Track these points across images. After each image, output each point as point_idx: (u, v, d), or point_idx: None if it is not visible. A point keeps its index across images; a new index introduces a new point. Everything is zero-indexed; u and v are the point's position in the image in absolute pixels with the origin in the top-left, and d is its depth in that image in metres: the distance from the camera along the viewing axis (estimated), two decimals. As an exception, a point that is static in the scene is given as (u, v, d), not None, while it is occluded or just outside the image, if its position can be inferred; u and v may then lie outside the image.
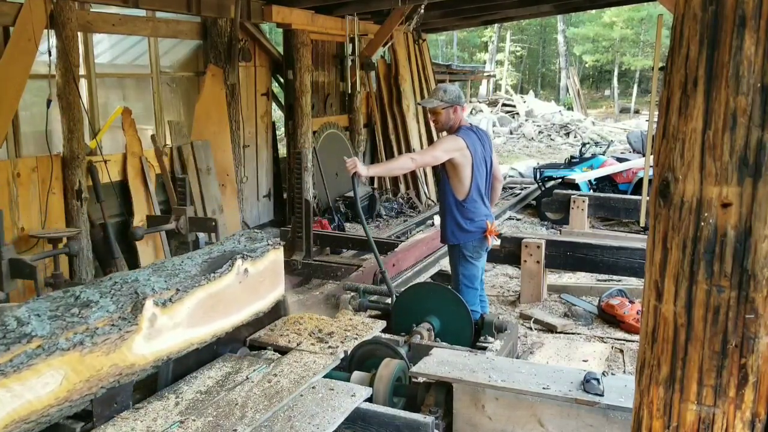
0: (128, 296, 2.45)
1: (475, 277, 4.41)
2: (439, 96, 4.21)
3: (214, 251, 3.06)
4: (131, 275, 2.63)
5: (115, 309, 2.37)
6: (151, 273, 2.70)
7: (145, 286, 2.54)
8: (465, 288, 4.30)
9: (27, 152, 5.51)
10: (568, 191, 8.59)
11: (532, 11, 11.54)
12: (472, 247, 4.31)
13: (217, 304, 2.86)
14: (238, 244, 3.20)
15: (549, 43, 38.94)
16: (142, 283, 2.55)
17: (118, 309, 2.37)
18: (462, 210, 4.22)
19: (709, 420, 1.33)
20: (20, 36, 5.03)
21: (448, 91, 4.24)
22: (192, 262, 2.88)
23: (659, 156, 1.33)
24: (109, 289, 2.45)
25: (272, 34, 14.38)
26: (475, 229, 4.28)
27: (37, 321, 2.13)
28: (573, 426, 2.77)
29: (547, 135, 21.30)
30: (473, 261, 4.35)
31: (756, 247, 1.23)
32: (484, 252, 4.40)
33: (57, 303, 2.29)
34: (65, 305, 2.28)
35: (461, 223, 4.24)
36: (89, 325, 2.24)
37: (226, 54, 7.11)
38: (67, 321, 2.20)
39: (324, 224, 7.82)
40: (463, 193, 4.20)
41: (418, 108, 10.55)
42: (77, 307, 2.28)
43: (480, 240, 4.32)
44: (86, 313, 2.26)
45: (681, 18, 1.26)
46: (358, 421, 2.63)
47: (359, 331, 3.31)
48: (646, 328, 1.40)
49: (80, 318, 2.24)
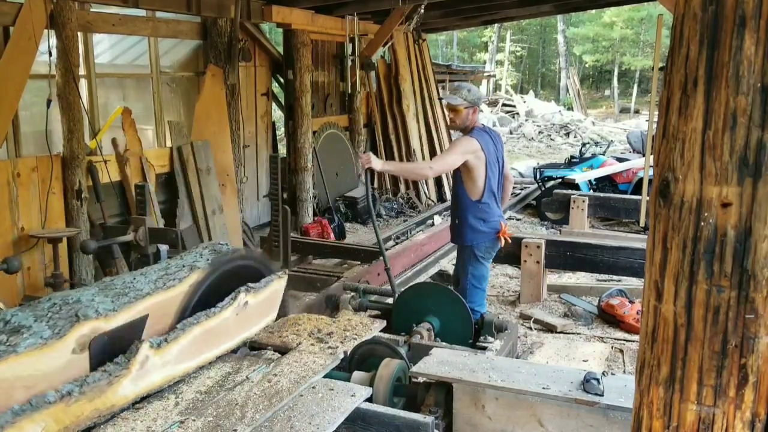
0: (67, 320, 2.18)
1: (484, 278, 4.42)
2: (463, 95, 4.21)
3: (172, 266, 2.80)
4: (73, 295, 2.36)
5: (50, 335, 2.09)
6: (97, 292, 2.43)
7: (87, 307, 2.27)
8: (473, 288, 4.30)
9: (27, 152, 5.52)
10: (568, 191, 8.59)
11: (532, 11, 11.54)
12: (484, 248, 4.32)
13: (210, 338, 2.68)
14: (200, 257, 2.93)
15: (549, 43, 38.94)
16: (85, 305, 2.28)
17: (54, 335, 2.10)
18: (476, 210, 4.23)
19: (709, 420, 1.33)
20: (20, 36, 5.03)
21: (471, 91, 4.26)
22: (146, 279, 2.61)
23: (659, 156, 1.33)
24: (45, 312, 2.19)
25: (272, 34, 14.39)
26: (488, 230, 4.29)
27: None
28: (573, 426, 2.77)
29: (547, 135, 21.30)
30: (484, 262, 4.36)
31: (756, 247, 1.23)
32: (494, 253, 4.41)
33: None
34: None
35: (475, 223, 4.24)
36: (17, 353, 1.99)
37: (226, 54, 7.11)
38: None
39: (324, 224, 7.83)
40: (477, 193, 4.21)
41: (418, 108, 10.55)
42: (5, 334, 2.02)
43: (493, 241, 4.33)
44: (15, 340, 2.01)
45: (681, 18, 1.26)
46: (358, 421, 2.63)
47: (359, 331, 3.31)
48: (646, 328, 1.40)
49: (7, 346, 2.00)
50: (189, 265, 2.80)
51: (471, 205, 4.22)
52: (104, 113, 6.36)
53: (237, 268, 3.00)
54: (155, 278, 2.63)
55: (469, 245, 4.29)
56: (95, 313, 2.27)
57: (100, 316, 2.26)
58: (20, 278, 5.22)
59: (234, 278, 2.92)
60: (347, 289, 4.62)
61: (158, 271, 2.73)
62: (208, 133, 7.04)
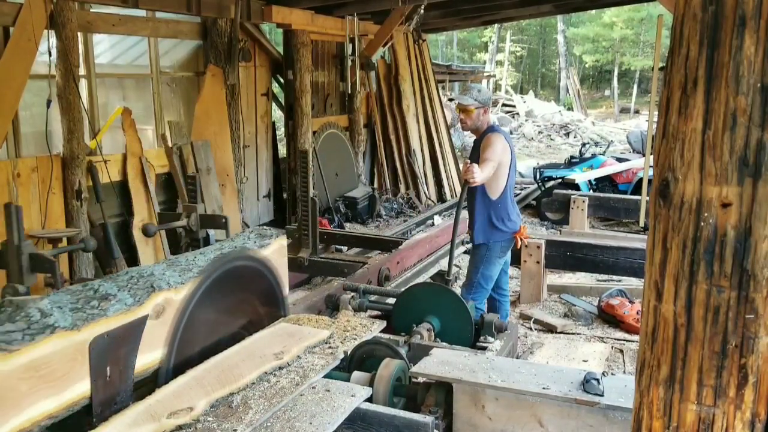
0: (144, 290, 2.53)
1: (492, 279, 4.42)
2: (473, 95, 4.21)
3: (225, 247, 3.13)
4: (147, 269, 2.69)
5: (132, 302, 2.46)
6: (166, 268, 2.76)
7: (160, 280, 2.63)
8: (479, 288, 4.30)
9: (27, 152, 5.51)
10: (568, 191, 8.59)
11: (532, 11, 11.54)
12: (500, 247, 4.31)
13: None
14: (248, 240, 3.28)
15: (549, 43, 38.95)
16: (158, 277, 2.63)
17: (135, 302, 2.47)
18: (496, 209, 4.23)
19: (709, 420, 1.33)
20: (20, 36, 5.03)
21: (482, 91, 4.26)
22: (204, 257, 2.95)
23: (659, 156, 1.33)
24: (126, 283, 2.52)
25: (272, 34, 14.38)
26: (506, 229, 4.29)
27: (59, 313, 2.21)
28: (573, 426, 2.77)
29: (547, 135, 21.31)
30: (498, 261, 4.35)
31: (756, 247, 1.23)
32: (509, 253, 4.41)
33: (77, 296, 2.36)
34: (85, 298, 2.36)
35: (494, 222, 4.23)
36: (108, 316, 2.33)
37: (226, 54, 7.12)
38: (87, 313, 2.28)
39: (324, 224, 7.83)
40: (498, 192, 4.20)
41: (418, 108, 10.55)
42: (96, 300, 2.37)
43: (510, 240, 4.32)
44: (105, 306, 2.36)
45: (681, 18, 1.26)
46: (358, 421, 2.63)
47: (359, 332, 3.31)
48: (646, 328, 1.40)
49: (99, 310, 2.33)
50: (240, 247, 3.15)
51: (491, 204, 4.22)
52: (104, 113, 6.37)
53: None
54: (212, 257, 2.96)
55: (484, 243, 4.28)
56: (167, 284, 2.62)
57: (171, 288, 2.64)
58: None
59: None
60: (347, 289, 4.62)
61: (213, 251, 3.04)
62: (208, 133, 7.04)
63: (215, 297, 2.91)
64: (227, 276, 2.98)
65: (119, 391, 2.43)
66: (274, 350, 2.87)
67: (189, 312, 2.72)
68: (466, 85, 4.40)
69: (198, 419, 2.33)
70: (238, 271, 3.11)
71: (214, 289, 2.89)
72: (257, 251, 3.20)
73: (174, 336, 2.65)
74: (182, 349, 2.71)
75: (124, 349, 2.44)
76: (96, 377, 2.32)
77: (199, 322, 2.80)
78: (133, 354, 2.50)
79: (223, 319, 3.03)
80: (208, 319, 2.88)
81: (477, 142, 4.39)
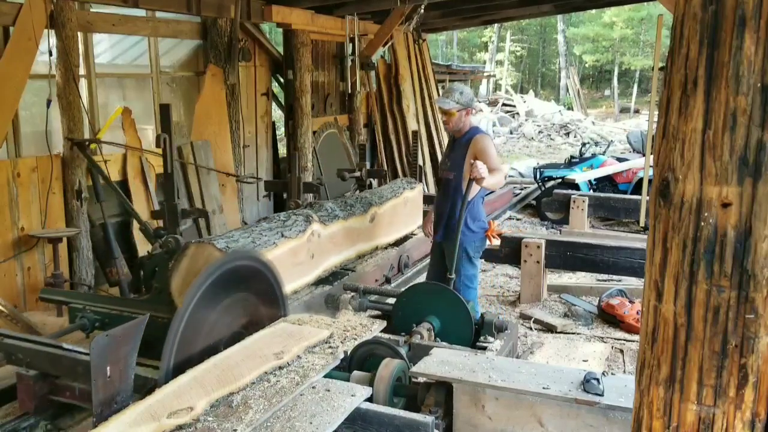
0: (365, 205, 5.09)
1: (475, 277, 4.46)
2: (455, 98, 4.19)
3: (385, 190, 5.77)
4: (355, 196, 5.34)
5: (361, 210, 5.10)
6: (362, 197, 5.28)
7: (370, 202, 5.21)
8: (466, 288, 4.31)
9: (27, 152, 5.51)
10: (568, 191, 8.59)
11: (532, 11, 11.54)
12: (475, 247, 4.32)
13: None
14: (400, 184, 5.95)
15: (549, 43, 38.94)
16: (368, 200, 5.20)
17: (362, 211, 5.11)
18: (471, 210, 4.24)
19: (709, 420, 1.33)
20: (20, 36, 5.03)
21: (464, 93, 4.23)
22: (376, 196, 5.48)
23: (659, 156, 1.33)
24: (348, 202, 4.99)
25: (272, 34, 14.38)
26: (478, 230, 4.32)
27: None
28: (573, 426, 2.77)
29: (547, 135, 21.30)
30: (475, 261, 4.37)
31: (756, 247, 1.23)
32: (482, 252, 4.44)
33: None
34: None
35: (468, 222, 4.24)
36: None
37: (226, 54, 7.11)
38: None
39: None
40: (473, 192, 4.21)
41: (418, 108, 10.55)
42: (326, 210, 4.70)
43: (482, 239, 4.35)
44: (335, 214, 4.74)
45: (681, 18, 1.26)
46: (358, 420, 2.63)
47: (359, 332, 3.31)
48: (646, 328, 1.40)
49: (332, 216, 4.68)
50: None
51: (467, 205, 4.23)
52: (104, 113, 6.35)
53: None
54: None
55: (461, 245, 4.29)
56: (376, 201, 5.26)
57: (379, 205, 5.30)
58: (20, 278, 5.22)
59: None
60: (347, 289, 4.62)
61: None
62: (208, 133, 7.04)
63: None
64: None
65: (119, 390, 2.43)
66: (274, 350, 2.87)
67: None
68: (448, 87, 4.36)
69: (198, 419, 2.33)
70: (240, 271, 3.13)
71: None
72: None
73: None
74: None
75: (124, 349, 2.44)
76: (96, 377, 2.33)
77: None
78: (133, 354, 2.50)
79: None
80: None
81: (458, 141, 4.37)
